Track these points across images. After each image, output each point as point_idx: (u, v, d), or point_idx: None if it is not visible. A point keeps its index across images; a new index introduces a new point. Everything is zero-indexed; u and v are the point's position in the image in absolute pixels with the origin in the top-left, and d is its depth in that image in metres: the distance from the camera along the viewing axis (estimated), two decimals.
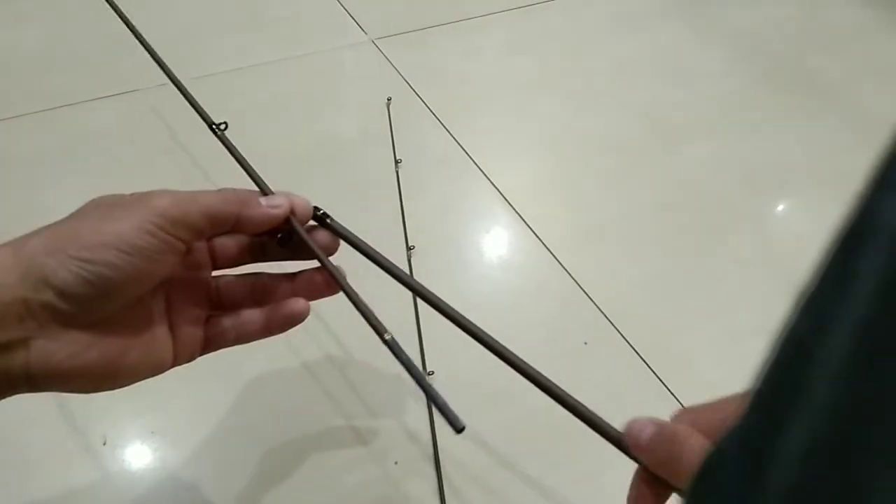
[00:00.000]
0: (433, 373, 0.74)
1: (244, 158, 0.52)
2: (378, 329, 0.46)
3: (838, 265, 0.17)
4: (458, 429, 0.38)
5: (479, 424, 0.71)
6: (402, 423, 0.71)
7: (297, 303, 0.46)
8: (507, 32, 1.32)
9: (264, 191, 0.46)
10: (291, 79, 1.18)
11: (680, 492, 0.36)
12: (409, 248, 0.84)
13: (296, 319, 0.47)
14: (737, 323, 0.82)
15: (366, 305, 0.46)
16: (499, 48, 1.29)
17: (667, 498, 0.38)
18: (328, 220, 0.45)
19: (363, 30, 1.30)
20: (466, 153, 1.03)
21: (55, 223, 0.39)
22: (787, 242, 0.93)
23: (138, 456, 0.68)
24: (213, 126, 0.59)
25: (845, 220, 0.18)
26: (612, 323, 0.81)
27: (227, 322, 0.46)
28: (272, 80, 1.17)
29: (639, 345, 0.79)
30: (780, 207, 1.00)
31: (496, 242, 0.92)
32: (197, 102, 0.59)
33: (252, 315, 0.46)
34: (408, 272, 0.81)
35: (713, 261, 0.90)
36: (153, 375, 0.43)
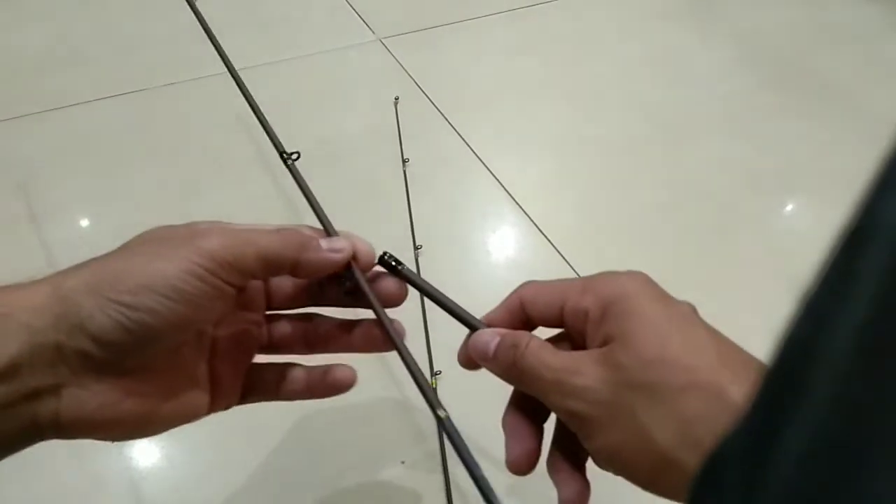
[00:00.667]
0: (440, 372, 0.74)
1: (312, 193, 0.47)
2: (433, 404, 0.43)
3: (840, 266, 0.17)
4: None
5: (487, 424, 0.71)
6: (409, 422, 0.71)
7: (343, 371, 0.45)
8: (514, 32, 1.32)
9: (327, 230, 0.42)
10: (299, 78, 1.18)
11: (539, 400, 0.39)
12: (416, 248, 0.84)
13: (341, 388, 0.45)
14: (740, 323, 0.81)
15: (422, 374, 0.44)
16: (506, 48, 1.29)
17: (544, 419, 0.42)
18: (399, 267, 0.42)
19: (371, 29, 1.30)
20: (474, 152, 1.03)
21: (100, 258, 0.35)
22: (791, 243, 0.93)
23: (146, 455, 0.68)
24: (284, 155, 0.54)
25: (848, 220, 0.18)
26: None
27: (269, 375, 0.44)
28: (280, 80, 1.17)
29: None
30: (785, 208, 1.00)
31: (503, 242, 0.92)
32: (271, 128, 0.54)
33: (297, 375, 0.44)
34: (416, 271, 0.81)
35: (718, 261, 0.90)
36: (187, 423, 0.40)
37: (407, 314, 0.78)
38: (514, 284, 0.86)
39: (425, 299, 0.78)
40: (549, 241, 0.90)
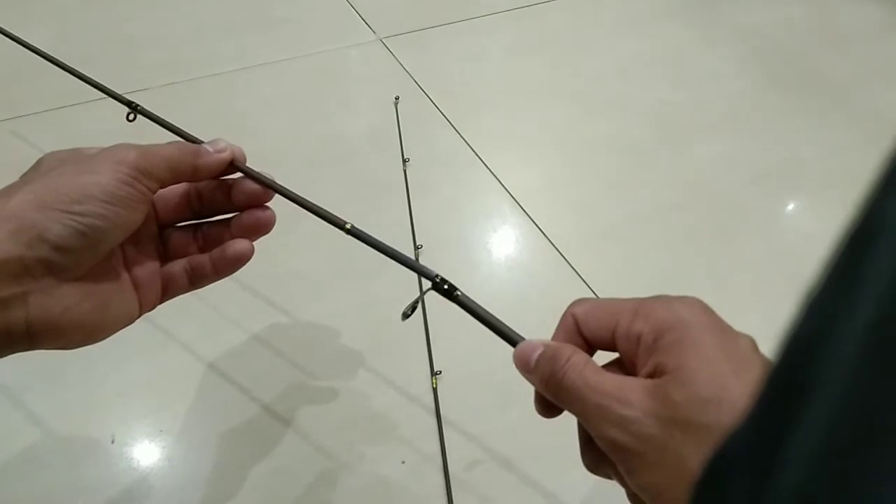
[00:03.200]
0: (440, 372, 0.74)
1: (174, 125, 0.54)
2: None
3: (846, 265, 0.17)
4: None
5: (486, 423, 0.71)
6: (409, 422, 0.71)
7: (240, 243, 0.48)
8: (515, 32, 1.32)
9: (195, 141, 0.48)
10: (300, 78, 1.18)
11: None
12: (416, 247, 0.84)
13: (242, 259, 0.48)
14: (745, 323, 0.81)
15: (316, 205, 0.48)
16: (507, 47, 1.29)
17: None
18: (455, 293, 0.43)
19: (371, 29, 1.30)
20: (474, 152, 1.03)
21: (23, 183, 0.40)
22: (794, 242, 0.93)
23: (146, 454, 0.68)
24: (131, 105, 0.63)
25: (853, 220, 0.17)
26: None
27: (178, 269, 0.48)
28: (281, 79, 1.17)
29: None
30: (789, 208, 1.00)
31: (504, 241, 0.92)
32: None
33: (201, 260, 0.48)
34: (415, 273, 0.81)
35: (721, 261, 0.90)
36: (126, 325, 0.45)
37: (410, 318, 0.78)
38: (514, 284, 0.86)
39: (427, 303, 0.78)
40: (549, 240, 0.90)
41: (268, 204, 0.49)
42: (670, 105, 1.15)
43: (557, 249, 0.89)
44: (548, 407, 0.39)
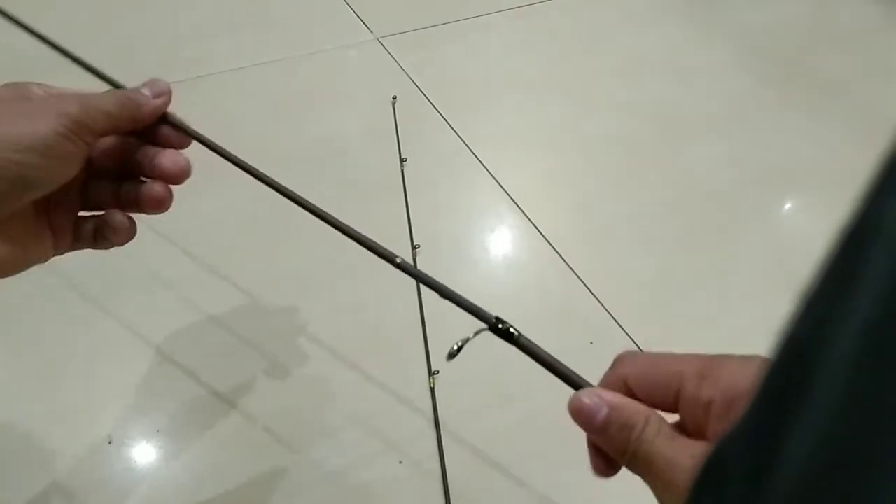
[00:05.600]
0: (437, 372, 0.74)
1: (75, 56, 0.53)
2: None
3: (844, 265, 0.17)
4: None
5: (484, 424, 0.71)
6: (407, 422, 0.71)
7: (153, 187, 0.46)
8: (513, 31, 1.32)
9: (115, 84, 0.48)
10: (297, 77, 1.18)
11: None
12: (414, 247, 0.84)
13: (159, 202, 0.47)
14: (743, 322, 0.82)
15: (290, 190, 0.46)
16: (505, 47, 1.29)
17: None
18: (516, 336, 0.40)
19: (369, 28, 1.30)
20: (472, 152, 1.03)
21: None
22: (793, 241, 0.93)
23: (144, 455, 0.68)
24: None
25: (850, 219, 0.17)
26: (618, 323, 0.81)
27: (90, 223, 0.47)
28: (278, 79, 1.17)
29: (645, 345, 0.78)
30: (788, 206, 1.00)
31: (501, 241, 0.92)
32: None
33: (116, 217, 0.46)
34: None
35: (719, 260, 0.90)
36: (36, 264, 0.45)
37: (407, 317, 0.79)
38: (512, 284, 0.86)
39: (424, 301, 0.78)
40: (546, 240, 0.90)
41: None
42: (669, 104, 1.15)
43: (555, 249, 0.89)
44: (609, 466, 0.36)
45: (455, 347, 0.42)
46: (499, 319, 0.40)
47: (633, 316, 0.81)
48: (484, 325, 0.39)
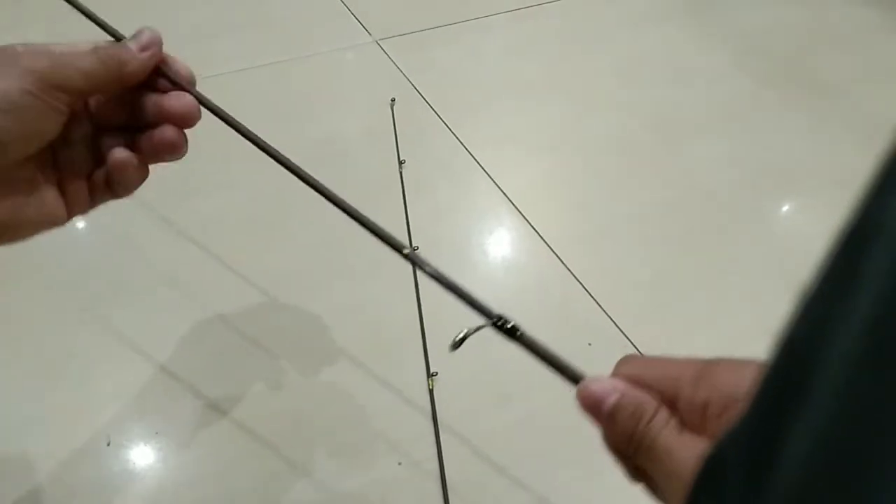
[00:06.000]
0: (436, 373, 0.74)
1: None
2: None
3: (843, 266, 0.17)
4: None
5: (483, 425, 0.71)
6: (406, 424, 0.71)
7: (166, 130, 0.45)
8: (510, 33, 1.32)
9: (114, 35, 0.46)
10: (296, 79, 1.18)
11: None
12: (413, 249, 0.84)
13: (174, 146, 0.45)
14: (741, 323, 0.82)
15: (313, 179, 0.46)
16: (503, 49, 1.29)
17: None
18: (519, 333, 0.41)
19: (367, 31, 1.30)
20: (470, 153, 1.03)
21: None
22: (792, 242, 0.93)
23: (142, 456, 0.68)
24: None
25: (849, 220, 0.17)
26: (616, 324, 0.81)
27: (103, 174, 0.45)
28: (276, 81, 1.17)
29: (643, 346, 0.79)
30: (785, 208, 1.00)
31: (500, 243, 0.92)
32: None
33: (123, 154, 0.45)
34: (412, 272, 0.81)
35: (717, 261, 0.90)
36: (52, 228, 0.43)
37: (406, 318, 0.79)
38: (510, 286, 0.86)
39: (423, 303, 0.78)
40: (545, 242, 0.90)
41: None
42: (668, 104, 1.15)
43: (553, 250, 0.89)
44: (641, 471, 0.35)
45: (459, 337, 0.42)
46: (501, 318, 0.40)
47: (631, 317, 0.81)
48: (488, 321, 0.40)
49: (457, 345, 0.42)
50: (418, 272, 0.82)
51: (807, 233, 0.94)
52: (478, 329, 0.41)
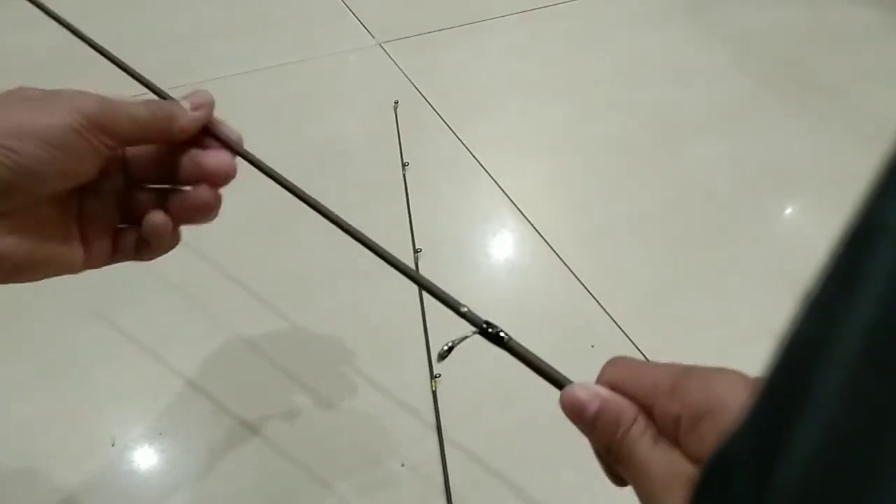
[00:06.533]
0: (439, 375, 0.74)
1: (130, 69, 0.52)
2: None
3: (847, 266, 0.17)
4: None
5: (485, 426, 0.71)
6: (409, 425, 0.71)
7: (201, 191, 0.44)
8: (513, 35, 1.33)
9: (159, 93, 0.46)
10: (299, 82, 1.19)
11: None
12: (416, 251, 0.84)
13: (206, 207, 0.45)
14: (743, 324, 0.82)
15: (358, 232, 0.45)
16: (505, 51, 1.29)
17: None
18: (505, 339, 0.40)
19: (370, 33, 1.30)
20: (473, 156, 1.03)
21: None
22: (793, 243, 0.93)
23: (146, 457, 0.68)
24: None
25: (852, 220, 0.18)
26: (618, 326, 0.81)
27: (131, 234, 0.45)
28: (280, 84, 1.18)
29: (646, 347, 0.79)
30: (787, 209, 1.00)
31: (503, 245, 0.92)
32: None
33: (160, 218, 0.44)
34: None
35: (720, 262, 0.90)
36: (64, 274, 0.43)
37: (406, 319, 0.79)
38: (513, 288, 0.86)
39: (424, 305, 0.78)
40: (548, 244, 0.90)
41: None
42: (668, 106, 1.15)
43: (555, 251, 0.89)
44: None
45: (445, 348, 0.42)
46: (489, 324, 0.40)
47: (633, 318, 0.81)
48: (474, 329, 0.40)
49: (443, 356, 0.42)
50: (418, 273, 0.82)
51: (807, 233, 0.94)
52: (464, 338, 0.41)
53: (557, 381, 0.38)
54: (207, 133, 0.44)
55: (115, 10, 1.34)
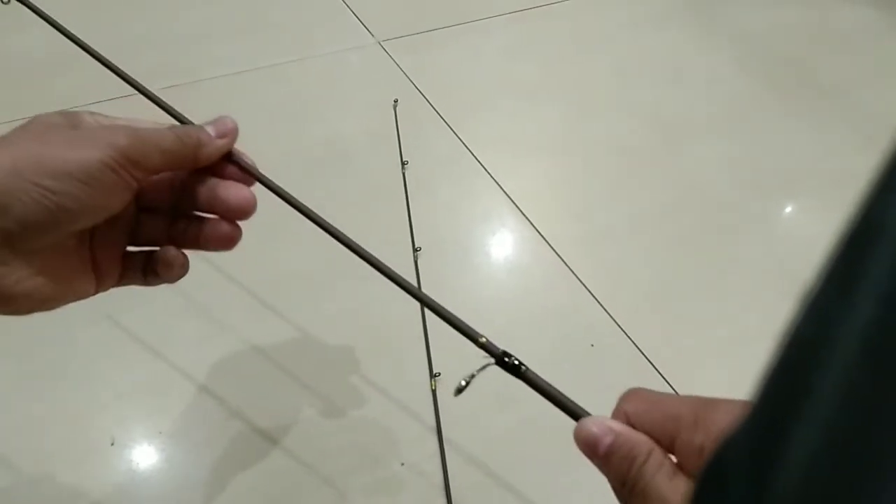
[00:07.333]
0: (439, 374, 0.74)
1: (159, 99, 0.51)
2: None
3: (846, 266, 0.17)
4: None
5: (486, 426, 0.71)
6: (408, 424, 0.71)
7: (224, 224, 0.44)
8: (513, 35, 1.33)
9: (181, 119, 0.46)
10: (299, 81, 1.18)
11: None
12: (415, 250, 0.84)
13: (224, 241, 0.45)
14: (743, 325, 0.82)
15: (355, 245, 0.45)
16: (506, 50, 1.29)
17: None
18: (523, 370, 0.40)
19: (370, 32, 1.30)
20: (473, 155, 1.03)
21: (9, 142, 0.38)
22: (793, 244, 0.93)
23: (146, 456, 0.68)
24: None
25: (852, 220, 0.17)
26: (618, 325, 0.81)
27: (139, 260, 0.45)
28: (279, 83, 1.17)
29: (645, 347, 0.79)
30: (787, 209, 1.00)
31: (502, 244, 0.92)
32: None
33: (173, 253, 0.45)
34: (414, 273, 0.81)
35: (719, 263, 0.90)
36: (76, 300, 0.43)
37: (406, 319, 0.79)
38: (513, 287, 0.86)
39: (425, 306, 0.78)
40: (547, 243, 0.90)
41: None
42: (669, 106, 1.15)
43: (555, 251, 0.89)
44: None
45: (462, 383, 0.42)
46: (506, 354, 0.40)
47: (633, 318, 0.81)
48: (491, 359, 0.40)
49: (460, 390, 0.42)
50: (419, 274, 0.82)
51: (807, 233, 0.94)
52: (482, 369, 0.41)
53: (574, 412, 0.37)
54: (227, 160, 0.44)
55: (116, 10, 1.34)
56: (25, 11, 0.54)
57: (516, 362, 0.40)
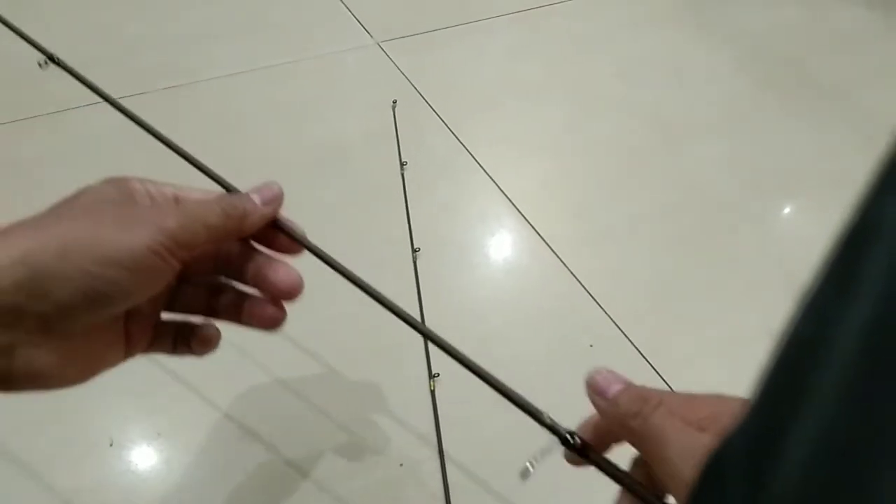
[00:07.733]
0: (438, 375, 0.74)
1: (201, 163, 0.50)
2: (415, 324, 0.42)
3: (844, 265, 0.17)
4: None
5: (485, 426, 0.71)
6: (407, 424, 0.71)
7: (269, 307, 0.43)
8: (512, 35, 1.33)
9: (227, 187, 0.44)
10: (298, 81, 1.18)
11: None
12: (414, 251, 0.84)
13: (270, 320, 0.44)
14: (741, 325, 0.82)
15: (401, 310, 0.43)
16: (504, 51, 1.29)
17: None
18: (590, 454, 0.39)
19: (369, 33, 1.30)
20: (472, 155, 1.03)
21: (60, 216, 0.37)
22: (792, 243, 0.93)
23: (144, 457, 0.68)
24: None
25: (850, 220, 0.17)
26: (617, 325, 0.81)
27: (170, 329, 0.44)
28: (279, 83, 1.17)
29: (644, 347, 0.79)
30: (785, 209, 1.00)
31: (501, 245, 0.92)
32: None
33: (212, 331, 0.44)
34: (413, 274, 0.81)
35: (718, 263, 0.90)
36: (104, 371, 0.41)
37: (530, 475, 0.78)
38: (511, 288, 0.86)
39: (424, 304, 0.78)
40: (546, 244, 0.90)
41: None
42: (668, 106, 1.15)
43: (554, 251, 0.89)
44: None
45: (530, 467, 0.41)
46: (571, 434, 0.39)
47: (632, 318, 0.81)
48: (556, 439, 0.39)
49: (525, 474, 0.41)
50: (418, 273, 0.82)
51: (807, 233, 0.94)
52: (548, 451, 0.40)
53: (647, 498, 0.36)
54: (273, 226, 0.42)
55: (116, 10, 1.34)
56: (25, 13, 0.53)
57: (582, 443, 0.38)
